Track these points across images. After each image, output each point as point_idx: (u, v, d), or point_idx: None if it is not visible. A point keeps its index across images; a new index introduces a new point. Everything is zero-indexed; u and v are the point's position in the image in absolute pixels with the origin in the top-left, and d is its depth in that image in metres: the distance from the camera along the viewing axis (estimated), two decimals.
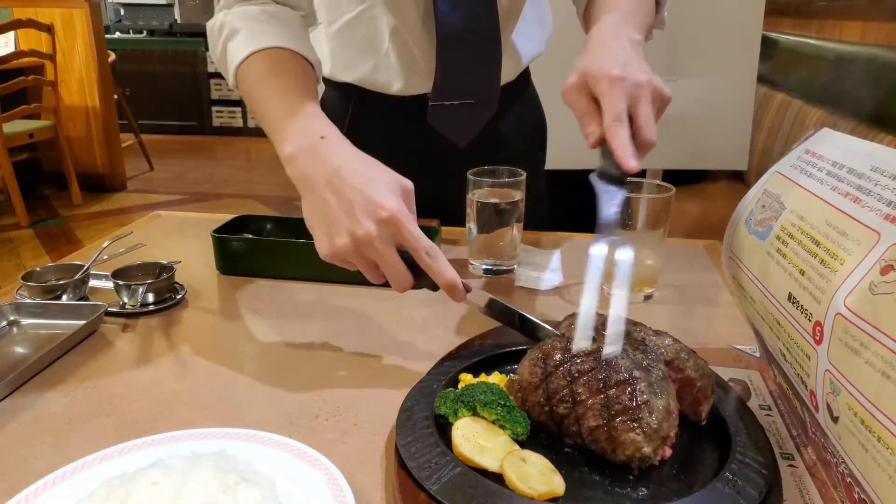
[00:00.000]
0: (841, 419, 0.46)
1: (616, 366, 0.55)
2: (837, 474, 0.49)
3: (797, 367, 0.53)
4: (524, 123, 1.21)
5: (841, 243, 0.49)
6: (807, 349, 0.51)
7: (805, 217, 0.56)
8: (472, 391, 0.58)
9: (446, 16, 0.99)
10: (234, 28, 0.84)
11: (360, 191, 0.64)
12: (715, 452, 0.57)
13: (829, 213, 0.53)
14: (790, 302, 0.55)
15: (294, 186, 0.71)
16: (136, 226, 1.16)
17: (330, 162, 0.67)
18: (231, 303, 0.89)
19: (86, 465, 0.54)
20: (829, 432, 0.48)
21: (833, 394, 0.47)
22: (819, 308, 0.49)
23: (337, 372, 0.72)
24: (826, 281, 0.49)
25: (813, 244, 0.53)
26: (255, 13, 0.85)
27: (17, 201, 3.86)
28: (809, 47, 2.28)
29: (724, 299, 0.92)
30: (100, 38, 4.46)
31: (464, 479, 0.50)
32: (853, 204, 0.50)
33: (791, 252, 0.57)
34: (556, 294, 0.92)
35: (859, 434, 0.44)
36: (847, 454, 0.46)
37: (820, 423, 0.50)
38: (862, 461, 0.44)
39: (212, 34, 0.88)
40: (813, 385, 0.50)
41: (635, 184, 0.88)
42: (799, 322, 0.53)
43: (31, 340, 0.78)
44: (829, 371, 0.47)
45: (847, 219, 0.50)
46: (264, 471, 0.52)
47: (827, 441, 0.50)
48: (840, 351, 0.46)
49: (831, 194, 0.54)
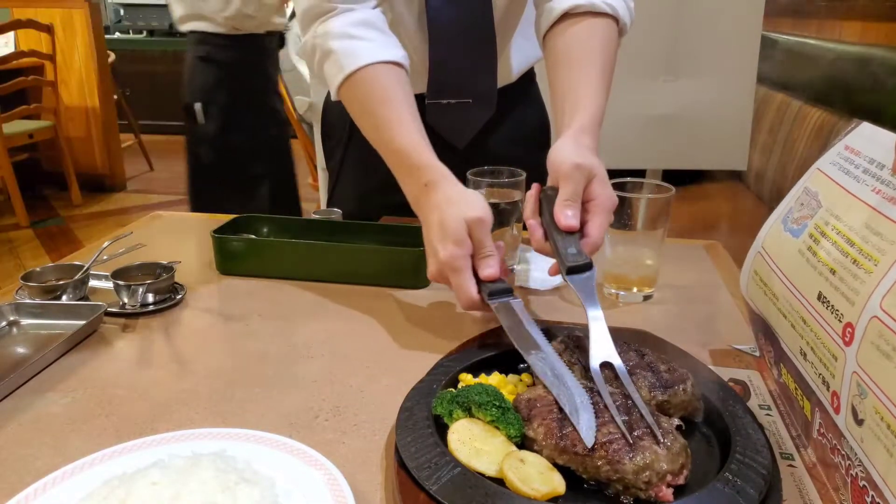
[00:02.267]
0: (867, 422, 0.46)
1: None
2: (846, 477, 0.49)
3: (820, 367, 0.53)
4: (527, 124, 1.20)
5: (876, 244, 0.48)
6: (834, 350, 0.51)
7: (841, 216, 0.55)
8: (468, 392, 0.58)
9: (438, 12, 0.99)
10: (326, 51, 0.91)
11: (431, 237, 0.78)
12: (715, 452, 0.57)
13: (867, 213, 0.51)
14: (820, 301, 0.54)
15: None
16: (135, 226, 1.16)
17: (427, 209, 0.80)
18: (231, 303, 0.89)
19: (86, 465, 0.54)
20: (850, 435, 0.48)
21: (860, 396, 0.46)
22: (852, 310, 0.48)
23: (337, 372, 0.72)
24: (860, 282, 0.48)
25: (847, 244, 0.52)
26: (338, 31, 0.91)
27: (17, 201, 3.86)
28: (809, 47, 2.28)
29: (723, 299, 0.91)
30: (100, 39, 4.45)
31: (463, 479, 0.50)
32: (890, 204, 0.49)
33: (823, 251, 0.56)
34: (556, 294, 0.92)
35: (885, 439, 0.44)
36: (868, 457, 0.46)
37: (838, 424, 0.50)
38: (885, 465, 0.44)
39: (306, 56, 0.96)
40: (837, 386, 0.50)
41: (635, 184, 0.88)
42: (828, 322, 0.52)
43: (31, 340, 0.78)
44: (857, 373, 0.47)
45: (883, 219, 0.49)
46: (264, 471, 0.52)
47: (841, 443, 0.49)
48: (871, 354, 0.45)
49: (870, 194, 0.52)
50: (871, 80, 1.79)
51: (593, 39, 0.91)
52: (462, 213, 0.75)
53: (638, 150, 1.95)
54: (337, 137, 1.22)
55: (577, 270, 0.70)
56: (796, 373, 0.59)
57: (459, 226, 0.75)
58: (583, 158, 0.76)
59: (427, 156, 0.83)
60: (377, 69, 0.88)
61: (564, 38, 0.92)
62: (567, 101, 0.87)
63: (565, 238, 0.73)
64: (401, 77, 0.90)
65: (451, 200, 0.78)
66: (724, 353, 0.76)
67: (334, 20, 0.91)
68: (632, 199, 0.84)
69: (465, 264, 0.75)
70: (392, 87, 0.88)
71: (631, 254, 0.88)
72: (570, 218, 0.73)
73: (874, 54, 1.84)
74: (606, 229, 0.76)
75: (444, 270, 0.76)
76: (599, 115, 0.86)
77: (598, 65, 0.89)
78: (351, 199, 1.22)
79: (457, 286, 0.75)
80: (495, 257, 0.76)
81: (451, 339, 0.76)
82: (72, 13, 4.33)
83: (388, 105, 0.87)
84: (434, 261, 0.77)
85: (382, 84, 0.88)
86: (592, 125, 0.83)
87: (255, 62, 2.36)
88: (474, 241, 0.75)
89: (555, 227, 0.74)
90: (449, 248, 0.75)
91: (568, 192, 0.75)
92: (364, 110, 0.90)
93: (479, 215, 0.76)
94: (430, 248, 0.78)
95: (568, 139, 0.81)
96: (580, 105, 0.85)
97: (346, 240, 0.99)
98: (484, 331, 0.76)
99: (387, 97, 0.87)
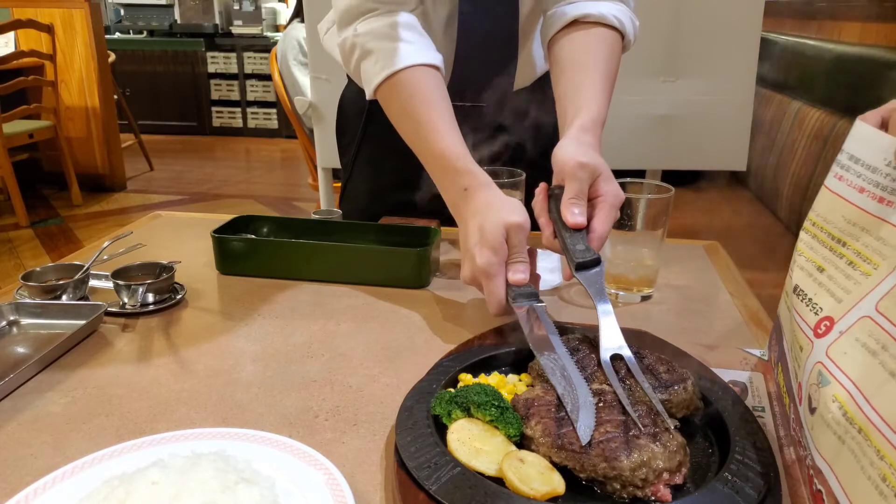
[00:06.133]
0: (818, 410, 0.46)
1: None
2: (807, 469, 0.49)
3: (794, 361, 0.54)
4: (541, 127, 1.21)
5: (876, 248, 0.48)
6: (802, 341, 0.51)
7: (821, 213, 0.55)
8: (467, 392, 0.58)
9: (468, 17, 1.00)
10: (366, 50, 0.93)
11: (469, 242, 0.79)
12: (714, 452, 0.57)
13: (849, 210, 0.51)
14: (795, 294, 0.55)
15: (293, 186, 0.73)
16: (135, 226, 1.16)
17: (467, 214, 0.82)
18: (231, 303, 0.89)
19: (86, 465, 0.54)
20: (805, 423, 0.48)
21: (818, 385, 0.47)
22: (837, 307, 0.49)
23: (337, 372, 0.72)
24: (854, 283, 0.48)
25: (837, 244, 0.52)
26: (380, 31, 0.92)
27: (17, 201, 3.86)
28: (809, 48, 2.28)
29: (722, 299, 0.92)
30: (100, 39, 4.46)
31: (463, 478, 0.50)
32: (878, 204, 0.49)
33: (805, 246, 0.56)
34: (556, 294, 0.92)
35: (836, 425, 0.44)
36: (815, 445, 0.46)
37: (800, 414, 0.50)
38: (833, 452, 0.44)
39: (343, 52, 0.97)
40: (802, 377, 0.50)
41: (635, 184, 0.88)
42: (801, 315, 0.52)
43: (31, 340, 0.78)
44: (822, 363, 0.47)
45: (877, 221, 0.48)
46: (264, 470, 0.52)
47: (801, 434, 0.50)
48: (850, 349, 0.46)
49: (845, 188, 0.52)
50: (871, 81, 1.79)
51: (601, 46, 0.93)
52: (502, 219, 0.76)
53: (638, 150, 1.95)
54: (351, 134, 1.23)
55: (586, 266, 0.72)
56: (787, 370, 0.59)
57: (498, 231, 0.76)
58: (587, 157, 0.77)
59: (467, 161, 0.85)
60: (418, 71, 0.90)
61: (572, 44, 0.94)
62: (571, 101, 0.88)
63: (573, 235, 0.75)
64: (439, 81, 0.91)
65: (491, 206, 0.79)
66: (723, 353, 0.76)
67: (376, 20, 0.93)
68: (632, 199, 0.84)
69: (499, 270, 0.76)
70: (432, 91, 0.89)
71: (631, 254, 0.88)
72: (576, 216, 0.75)
73: (874, 54, 1.85)
74: (613, 224, 0.77)
75: (479, 276, 0.77)
76: (602, 116, 0.86)
77: (602, 70, 0.90)
78: (363, 195, 1.23)
79: (489, 292, 0.76)
80: (527, 263, 0.77)
81: (451, 339, 0.77)
82: (72, 13, 4.33)
83: (429, 108, 0.88)
84: (469, 266, 0.78)
85: (423, 87, 0.89)
86: (595, 125, 0.84)
87: None
88: (510, 246, 0.76)
89: (562, 224, 0.76)
90: (486, 254, 0.76)
91: (574, 190, 0.76)
92: (404, 111, 0.90)
93: (519, 221, 0.77)
94: (466, 253, 0.79)
95: (571, 138, 0.82)
96: (583, 105, 0.86)
97: (346, 240, 0.99)
98: (484, 331, 0.76)
99: (428, 100, 0.88)
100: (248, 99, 6.46)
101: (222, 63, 6.38)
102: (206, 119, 6.57)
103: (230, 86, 6.45)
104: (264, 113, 6.48)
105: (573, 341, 0.67)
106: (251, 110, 6.50)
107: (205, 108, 6.54)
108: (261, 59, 6.26)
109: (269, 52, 3.18)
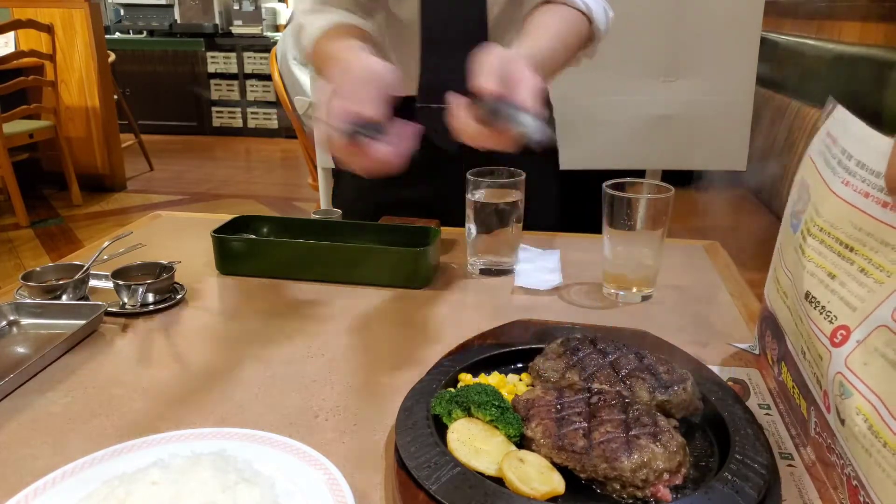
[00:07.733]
0: (847, 423, 0.46)
1: None
2: (842, 476, 0.49)
3: (814, 367, 0.53)
4: None
5: (887, 254, 0.47)
6: (821, 350, 0.51)
7: (824, 215, 0.55)
8: (467, 392, 0.58)
9: (432, 15, 1.00)
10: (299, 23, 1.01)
11: None
12: (714, 452, 0.57)
13: (856, 216, 0.51)
14: (808, 301, 0.54)
15: (293, 186, 0.73)
16: (135, 226, 1.16)
17: None
18: (231, 303, 0.89)
19: (86, 465, 0.54)
20: (839, 434, 0.48)
21: (841, 396, 0.47)
22: (852, 315, 0.48)
23: (337, 372, 0.72)
24: (867, 290, 0.48)
25: (846, 249, 0.51)
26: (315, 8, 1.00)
27: (17, 201, 3.86)
28: (809, 47, 2.28)
29: (722, 299, 0.92)
30: (100, 39, 4.45)
31: (463, 478, 0.50)
32: (882, 209, 0.49)
33: (812, 250, 0.56)
34: (556, 294, 0.92)
35: (863, 439, 0.44)
36: (853, 457, 0.46)
37: (830, 424, 0.50)
38: (866, 465, 0.44)
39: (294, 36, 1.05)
40: (827, 385, 0.50)
41: (635, 184, 0.88)
42: (816, 323, 0.52)
43: (31, 340, 0.78)
44: (842, 374, 0.47)
45: (883, 226, 0.48)
46: (264, 470, 0.52)
47: (835, 442, 0.50)
48: (870, 359, 0.45)
49: (851, 193, 0.52)
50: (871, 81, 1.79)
51: (561, 20, 0.96)
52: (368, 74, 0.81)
53: (637, 150, 1.95)
54: None
55: None
56: (796, 371, 0.59)
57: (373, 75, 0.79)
58: (499, 52, 0.72)
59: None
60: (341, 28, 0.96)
61: (534, 16, 0.97)
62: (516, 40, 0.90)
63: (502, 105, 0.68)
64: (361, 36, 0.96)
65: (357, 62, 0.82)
66: (723, 353, 0.76)
67: None
68: (631, 199, 0.84)
69: None
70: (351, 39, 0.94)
71: (630, 254, 0.88)
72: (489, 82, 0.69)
73: (874, 54, 1.85)
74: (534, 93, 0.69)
75: None
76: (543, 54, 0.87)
77: (555, 31, 0.93)
78: (350, 195, 1.23)
79: None
80: None
81: (451, 339, 0.77)
82: (72, 13, 4.33)
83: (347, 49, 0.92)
84: None
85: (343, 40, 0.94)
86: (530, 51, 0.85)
87: None
88: None
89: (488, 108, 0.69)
90: None
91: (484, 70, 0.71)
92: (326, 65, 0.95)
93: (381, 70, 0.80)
94: None
95: None
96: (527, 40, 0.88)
97: (346, 240, 0.99)
98: (484, 331, 0.76)
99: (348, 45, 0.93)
100: (248, 99, 6.46)
101: (222, 63, 6.38)
102: (206, 119, 6.57)
103: (230, 86, 6.45)
104: (264, 113, 6.48)
105: (573, 341, 0.67)
106: (251, 110, 6.49)
107: (205, 108, 6.53)
108: (261, 59, 6.26)
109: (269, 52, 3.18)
